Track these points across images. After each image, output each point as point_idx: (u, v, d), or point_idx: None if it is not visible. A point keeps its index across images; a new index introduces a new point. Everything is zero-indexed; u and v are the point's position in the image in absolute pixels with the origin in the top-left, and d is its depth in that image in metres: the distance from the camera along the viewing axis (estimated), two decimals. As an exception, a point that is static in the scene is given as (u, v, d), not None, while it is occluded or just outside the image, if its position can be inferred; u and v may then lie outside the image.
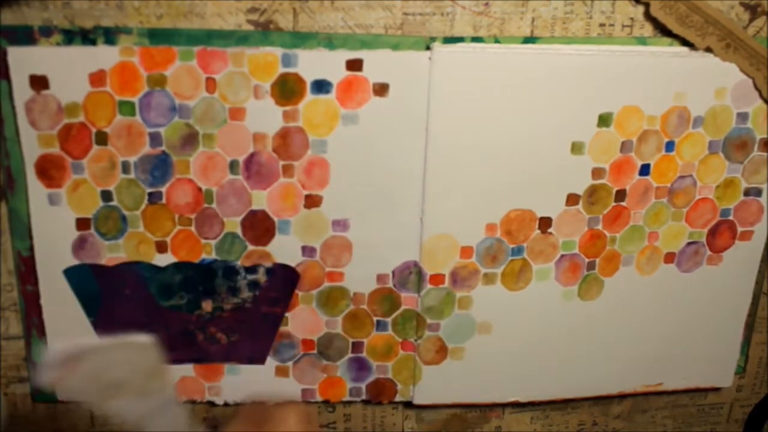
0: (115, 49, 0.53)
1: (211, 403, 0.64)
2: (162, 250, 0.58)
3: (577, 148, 0.59)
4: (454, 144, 0.57)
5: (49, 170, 0.55)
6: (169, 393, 0.47)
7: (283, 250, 0.59)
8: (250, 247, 0.59)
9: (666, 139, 0.60)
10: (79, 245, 0.57)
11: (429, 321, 0.62)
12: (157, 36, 0.53)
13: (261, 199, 0.58)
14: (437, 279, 0.61)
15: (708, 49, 0.58)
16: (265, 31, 0.54)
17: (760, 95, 0.59)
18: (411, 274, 0.61)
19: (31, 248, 0.57)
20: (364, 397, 0.65)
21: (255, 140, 0.56)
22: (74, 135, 0.54)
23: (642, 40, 0.58)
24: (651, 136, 0.59)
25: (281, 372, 0.63)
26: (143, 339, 0.46)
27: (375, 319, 0.62)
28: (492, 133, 0.57)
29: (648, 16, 0.57)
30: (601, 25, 0.57)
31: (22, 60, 0.52)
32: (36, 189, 0.55)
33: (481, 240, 0.60)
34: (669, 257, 0.64)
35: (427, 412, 0.67)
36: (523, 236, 0.61)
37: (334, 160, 0.57)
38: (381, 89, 0.56)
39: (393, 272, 0.61)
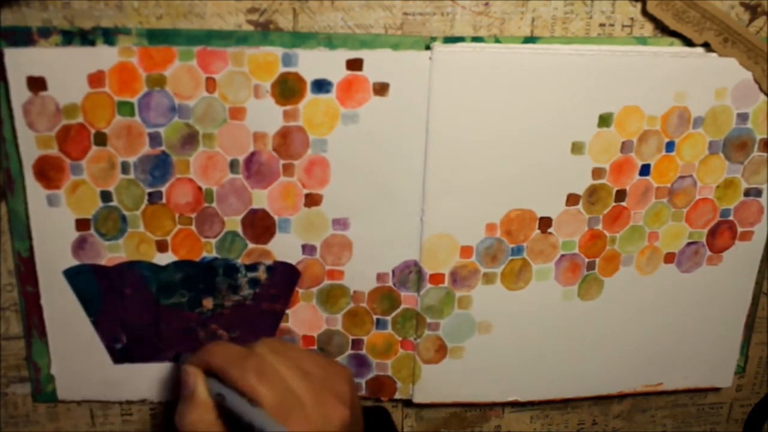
0: (114, 50, 0.53)
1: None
2: (162, 249, 0.58)
3: (577, 148, 0.58)
4: (455, 143, 0.57)
5: (47, 171, 0.55)
6: None
7: (284, 248, 0.59)
8: (251, 246, 0.59)
9: (666, 140, 0.59)
10: (79, 246, 0.57)
11: (429, 320, 0.62)
12: (157, 36, 0.53)
13: (261, 198, 0.58)
14: (437, 278, 0.61)
15: (706, 45, 0.58)
16: (265, 31, 0.54)
17: (760, 88, 0.59)
18: (411, 273, 0.61)
19: (31, 249, 0.57)
20: (364, 392, 0.65)
21: (255, 139, 0.56)
22: (73, 136, 0.54)
23: (642, 40, 0.57)
24: (651, 136, 0.59)
25: (282, 367, 0.63)
26: None
27: (375, 317, 0.62)
28: (492, 132, 0.57)
29: (646, 13, 0.57)
30: (601, 25, 0.57)
31: (20, 61, 0.52)
32: (35, 190, 0.55)
33: (481, 240, 0.60)
34: (669, 257, 0.64)
35: (426, 410, 0.67)
36: (523, 236, 0.61)
37: (334, 160, 0.57)
38: (381, 89, 0.56)
39: (393, 271, 0.61)
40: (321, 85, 0.55)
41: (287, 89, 0.55)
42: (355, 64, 0.55)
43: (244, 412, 0.50)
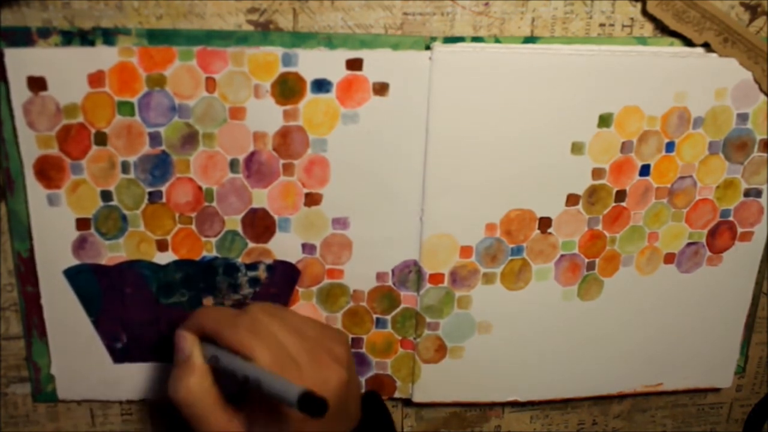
0: (114, 50, 0.53)
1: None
2: (163, 248, 0.58)
3: (577, 148, 0.58)
4: (455, 143, 0.57)
5: (48, 171, 0.55)
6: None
7: (284, 247, 0.59)
8: (251, 245, 0.59)
9: (666, 140, 0.59)
10: (79, 245, 0.57)
11: (428, 320, 0.62)
12: (156, 36, 0.53)
13: (261, 198, 0.58)
14: (437, 278, 0.61)
15: (706, 45, 0.58)
16: (265, 31, 0.54)
17: (760, 88, 0.59)
18: (411, 273, 0.61)
19: (31, 249, 0.57)
20: (363, 390, 0.65)
21: (255, 139, 0.56)
22: (73, 136, 0.54)
23: (642, 40, 0.57)
24: (651, 136, 0.59)
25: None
26: None
27: (374, 316, 0.62)
28: (492, 132, 0.57)
29: (646, 13, 0.57)
30: (601, 25, 0.57)
31: (20, 61, 0.52)
32: (35, 190, 0.55)
33: (481, 240, 0.60)
34: (669, 257, 0.64)
35: (426, 410, 0.67)
36: (522, 236, 0.61)
37: (334, 159, 0.57)
38: (381, 88, 0.56)
39: (392, 271, 0.61)
40: (321, 85, 0.55)
41: (287, 89, 0.55)
42: (355, 64, 0.55)
43: (238, 367, 0.49)
